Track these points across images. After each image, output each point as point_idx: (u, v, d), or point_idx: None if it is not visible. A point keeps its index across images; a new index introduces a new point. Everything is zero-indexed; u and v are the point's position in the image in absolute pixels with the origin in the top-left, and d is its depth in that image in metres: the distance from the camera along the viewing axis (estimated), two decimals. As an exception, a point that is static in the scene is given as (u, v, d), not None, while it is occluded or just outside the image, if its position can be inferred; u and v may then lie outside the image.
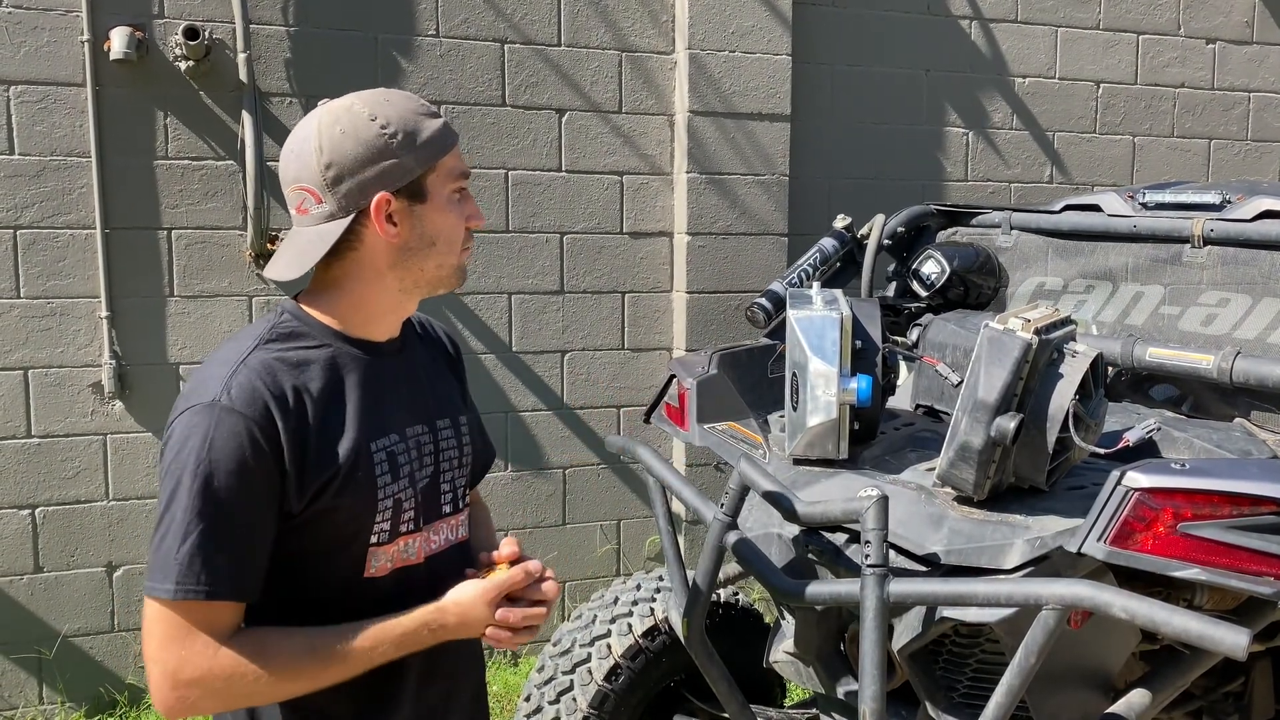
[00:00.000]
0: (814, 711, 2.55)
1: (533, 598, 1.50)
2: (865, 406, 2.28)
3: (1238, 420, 2.45)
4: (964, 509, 2.09)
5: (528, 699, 2.83)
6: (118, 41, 3.56)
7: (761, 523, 2.29)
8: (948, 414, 2.46)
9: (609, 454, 4.30)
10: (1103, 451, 2.12)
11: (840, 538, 2.15)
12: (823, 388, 2.25)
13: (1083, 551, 1.80)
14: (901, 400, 2.75)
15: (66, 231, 3.66)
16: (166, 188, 3.75)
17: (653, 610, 2.83)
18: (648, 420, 2.98)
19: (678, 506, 3.66)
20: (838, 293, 2.44)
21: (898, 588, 1.84)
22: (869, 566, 1.83)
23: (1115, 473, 1.80)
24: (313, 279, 1.53)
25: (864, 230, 3.14)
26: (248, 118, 3.74)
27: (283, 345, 1.46)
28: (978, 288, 3.01)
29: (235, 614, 1.39)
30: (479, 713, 1.71)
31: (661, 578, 3.00)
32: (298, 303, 1.53)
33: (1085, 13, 4.81)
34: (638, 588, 2.95)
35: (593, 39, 4.15)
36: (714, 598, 2.82)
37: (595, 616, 2.88)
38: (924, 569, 2.01)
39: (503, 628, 1.47)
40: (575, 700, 2.74)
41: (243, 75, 3.73)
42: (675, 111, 4.25)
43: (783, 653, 2.32)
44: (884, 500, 1.85)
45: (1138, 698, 2.02)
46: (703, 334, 4.26)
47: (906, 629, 1.99)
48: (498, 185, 4.09)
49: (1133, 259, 2.77)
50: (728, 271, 4.27)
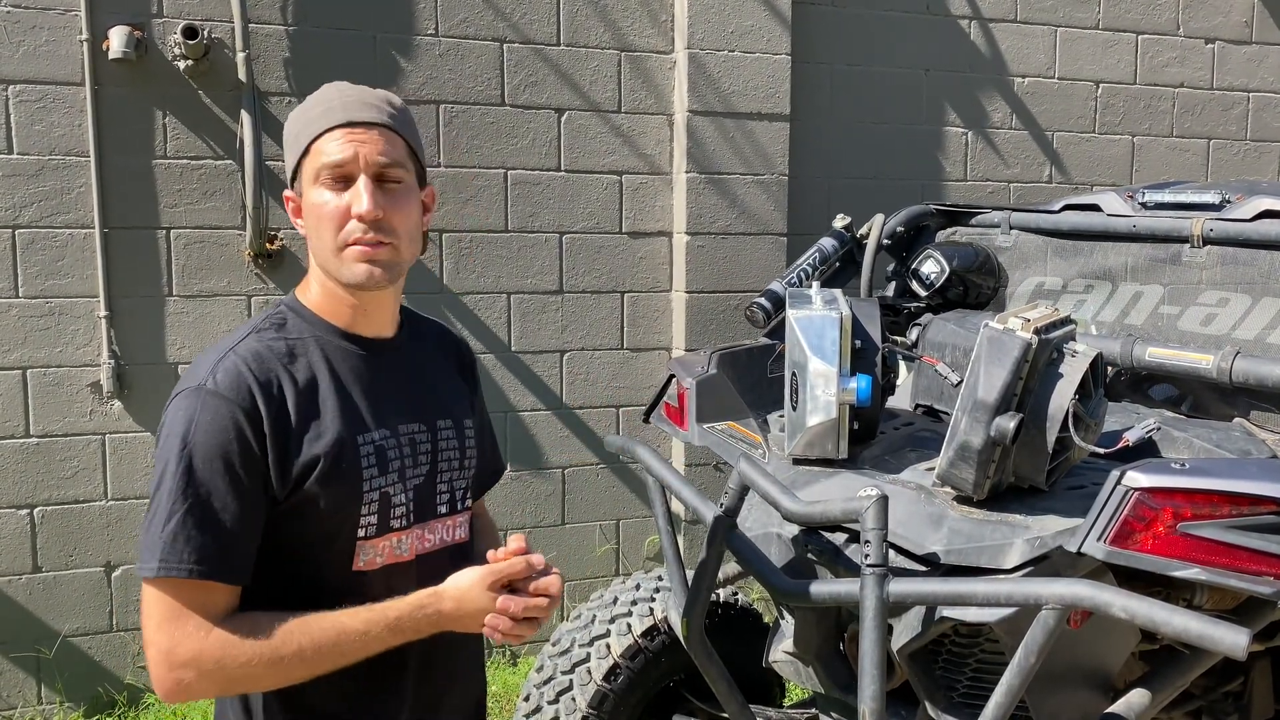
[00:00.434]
0: (813, 711, 2.55)
1: (535, 591, 1.46)
2: (865, 406, 2.27)
3: (1237, 420, 2.44)
4: (964, 509, 2.09)
5: (527, 699, 2.83)
6: (116, 41, 3.56)
7: (761, 522, 2.29)
8: (947, 414, 2.46)
9: (608, 454, 4.30)
10: (1102, 451, 2.12)
11: (840, 537, 2.15)
12: (822, 387, 2.25)
13: (1082, 551, 1.80)
14: (901, 400, 2.74)
15: (65, 231, 3.66)
16: (165, 187, 3.75)
17: (652, 610, 2.83)
18: (647, 420, 2.98)
19: (677, 506, 3.66)
20: (837, 292, 2.44)
21: (897, 587, 1.84)
22: (868, 566, 1.83)
23: (1115, 472, 1.79)
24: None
25: (863, 230, 3.14)
26: (246, 117, 3.74)
27: (274, 334, 1.48)
28: (977, 287, 3.01)
29: (227, 597, 1.39)
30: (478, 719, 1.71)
31: (661, 578, 3.00)
32: (295, 296, 1.55)
33: (1084, 13, 4.81)
34: (637, 588, 2.95)
35: (592, 38, 4.15)
36: (713, 598, 2.82)
37: (594, 616, 2.88)
38: (924, 569, 2.01)
39: (502, 617, 1.43)
40: (574, 700, 2.74)
41: (242, 74, 3.73)
42: (674, 111, 4.25)
43: (782, 652, 2.31)
44: (883, 500, 1.85)
45: (1137, 697, 2.02)
46: (702, 334, 4.26)
47: (906, 629, 1.99)
48: (497, 185, 4.09)
49: (1132, 259, 2.77)
50: (727, 271, 4.27)
